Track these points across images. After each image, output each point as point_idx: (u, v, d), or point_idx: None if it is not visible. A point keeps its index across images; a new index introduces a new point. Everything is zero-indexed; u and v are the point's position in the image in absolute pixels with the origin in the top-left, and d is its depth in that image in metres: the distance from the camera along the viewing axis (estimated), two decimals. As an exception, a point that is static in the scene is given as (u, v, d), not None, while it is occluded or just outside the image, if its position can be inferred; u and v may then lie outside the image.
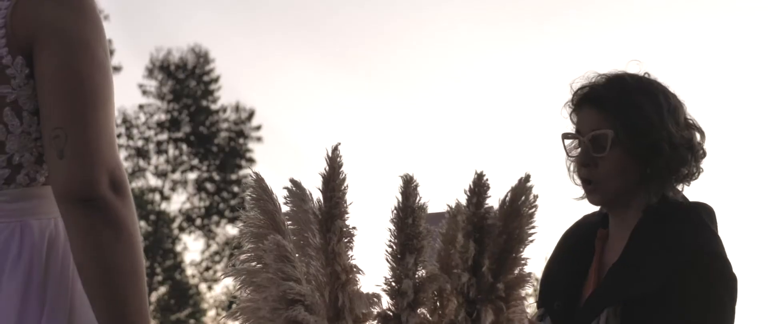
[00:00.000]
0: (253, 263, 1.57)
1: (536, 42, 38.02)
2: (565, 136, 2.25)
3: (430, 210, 1.56)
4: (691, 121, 2.19)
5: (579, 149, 2.19)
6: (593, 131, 2.15)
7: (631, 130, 2.12)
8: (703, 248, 2.06)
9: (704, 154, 2.18)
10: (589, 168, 2.16)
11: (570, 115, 2.26)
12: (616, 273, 2.12)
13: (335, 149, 1.59)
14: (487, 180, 1.54)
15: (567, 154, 2.26)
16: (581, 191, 2.22)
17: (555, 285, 2.23)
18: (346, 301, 1.52)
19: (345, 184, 1.59)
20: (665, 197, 2.17)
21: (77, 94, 1.62)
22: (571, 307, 2.14)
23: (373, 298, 1.54)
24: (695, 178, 2.20)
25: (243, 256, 1.59)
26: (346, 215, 1.58)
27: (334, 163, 1.59)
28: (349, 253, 1.57)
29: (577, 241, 2.29)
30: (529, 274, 1.54)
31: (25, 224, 1.69)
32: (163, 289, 31.13)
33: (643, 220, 2.14)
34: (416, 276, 1.53)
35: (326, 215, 1.57)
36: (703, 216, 2.15)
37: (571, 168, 2.26)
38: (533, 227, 1.54)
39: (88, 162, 1.59)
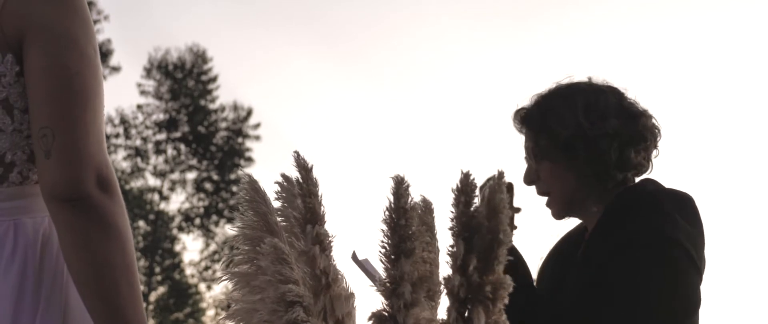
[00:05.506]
0: (247, 265, 1.56)
1: (537, 41, 38.01)
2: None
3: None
4: (627, 109, 2.14)
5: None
6: (525, 148, 2.21)
7: (544, 137, 2.15)
8: (640, 230, 2.01)
9: (644, 138, 2.13)
10: (537, 184, 2.20)
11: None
12: (577, 274, 2.13)
13: (298, 155, 1.59)
14: (473, 179, 1.53)
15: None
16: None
17: (541, 286, 2.27)
18: (327, 304, 1.52)
19: (318, 190, 1.58)
20: (629, 190, 2.13)
21: (65, 92, 1.60)
22: None
23: (350, 298, 1.53)
24: (644, 162, 2.14)
25: (237, 258, 1.58)
26: (323, 220, 1.57)
27: (303, 169, 1.58)
28: (331, 255, 1.55)
29: (564, 246, 2.32)
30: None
31: (19, 222, 1.68)
32: (162, 289, 31.13)
33: (599, 218, 2.14)
34: (412, 276, 1.52)
35: (302, 221, 1.57)
36: (664, 203, 2.06)
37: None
38: (510, 225, 1.52)
39: (74, 161, 1.58)
